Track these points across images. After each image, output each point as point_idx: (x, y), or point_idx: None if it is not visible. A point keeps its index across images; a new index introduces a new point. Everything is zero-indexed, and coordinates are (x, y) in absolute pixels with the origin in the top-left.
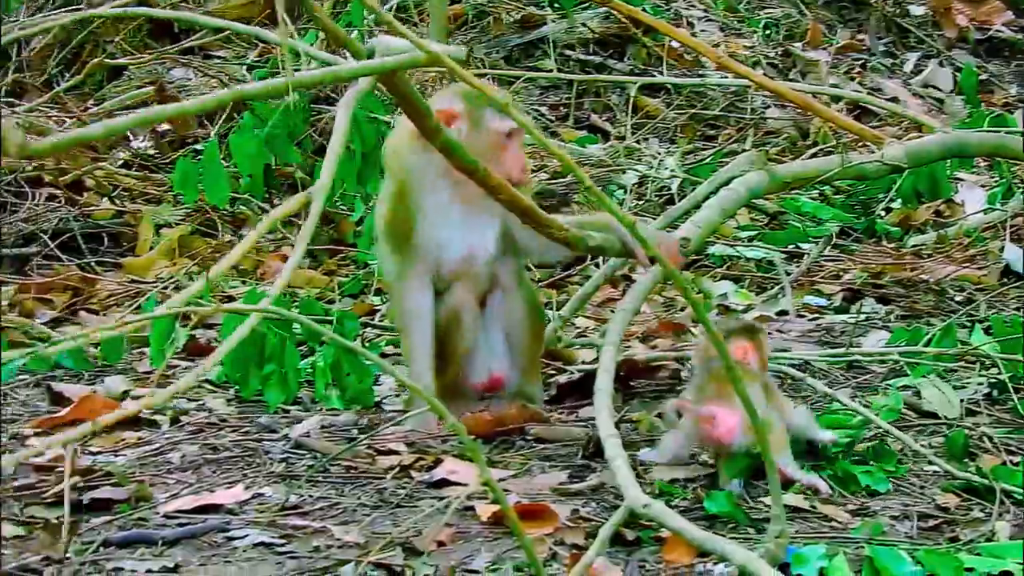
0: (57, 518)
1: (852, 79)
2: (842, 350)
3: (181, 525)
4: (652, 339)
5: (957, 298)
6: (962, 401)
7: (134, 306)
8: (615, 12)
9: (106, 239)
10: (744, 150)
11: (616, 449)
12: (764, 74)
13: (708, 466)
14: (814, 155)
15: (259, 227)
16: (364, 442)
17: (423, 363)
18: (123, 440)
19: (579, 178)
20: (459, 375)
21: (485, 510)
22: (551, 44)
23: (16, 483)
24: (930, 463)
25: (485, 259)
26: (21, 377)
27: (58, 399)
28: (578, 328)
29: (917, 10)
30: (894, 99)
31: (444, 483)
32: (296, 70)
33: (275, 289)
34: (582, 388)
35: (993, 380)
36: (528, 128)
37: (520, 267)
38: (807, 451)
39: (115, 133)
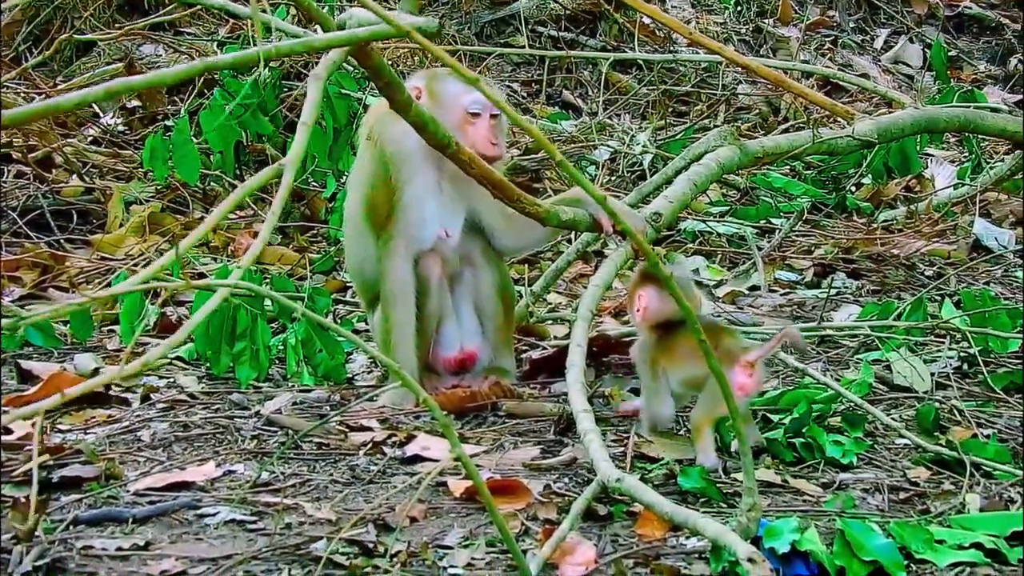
0: (26, 497)
1: (823, 55)
2: (813, 324)
3: (152, 503)
4: (624, 314)
5: (927, 272)
6: (933, 375)
7: (104, 283)
8: None
9: (75, 216)
10: (715, 126)
11: (588, 424)
12: (735, 50)
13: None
14: (785, 131)
15: (231, 198)
16: (336, 419)
17: (408, 341)
18: (93, 418)
19: (550, 153)
20: (431, 351)
21: (458, 486)
22: (523, 20)
23: None
24: (901, 436)
25: (457, 238)
26: None
27: (27, 377)
28: (550, 304)
29: None
30: (864, 75)
31: (417, 459)
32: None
33: (245, 260)
34: (555, 363)
35: (963, 354)
36: (496, 101)
37: (488, 245)
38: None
39: (88, 103)
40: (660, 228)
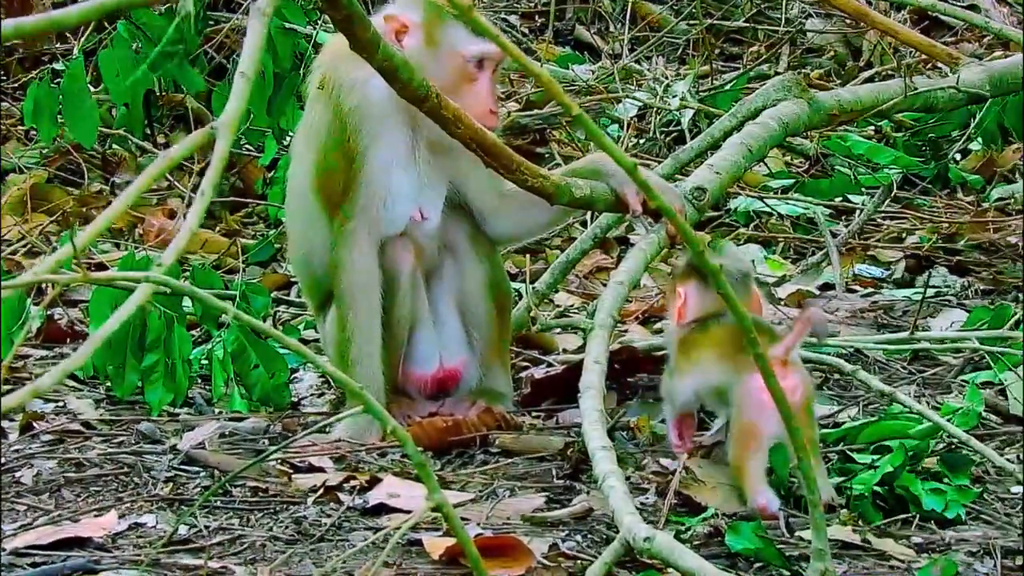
0: None
1: None
2: (905, 335)
3: (35, 565)
4: (655, 321)
5: None
6: None
7: None
8: None
9: None
10: (777, 73)
11: (608, 465)
12: None
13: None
14: (869, 80)
15: (148, 172)
16: (277, 456)
17: (372, 355)
18: None
19: (565, 106)
20: (401, 367)
21: (436, 545)
22: None
23: None
24: (1019, 483)
25: (436, 221)
26: None
27: None
28: (559, 306)
29: None
30: (973, 7)
31: (382, 509)
32: None
33: (169, 255)
34: (564, 385)
35: None
36: (496, 37)
37: (476, 229)
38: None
39: None
40: (704, 207)
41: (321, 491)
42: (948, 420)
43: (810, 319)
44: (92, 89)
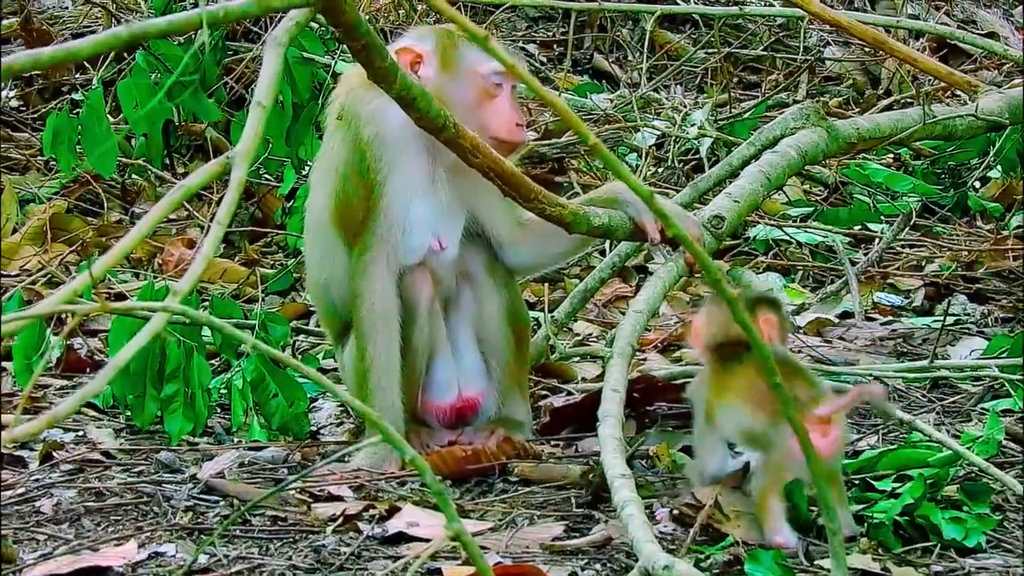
0: None
1: (936, 8)
2: (924, 363)
3: None
4: (675, 349)
5: None
6: None
7: None
8: None
9: None
10: (795, 101)
11: (627, 493)
12: (822, 1)
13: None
14: (887, 108)
15: (164, 202)
16: (296, 485)
17: (391, 384)
18: None
19: (582, 135)
20: (420, 396)
21: (455, 574)
22: None
23: None
24: None
25: (455, 250)
26: None
27: None
28: (577, 335)
29: None
30: (992, 34)
31: (401, 538)
32: None
33: (184, 284)
34: (583, 413)
35: None
36: (513, 67)
37: (494, 258)
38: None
39: None
40: (723, 235)
41: (340, 520)
42: (968, 448)
43: (870, 394)
44: (111, 119)
